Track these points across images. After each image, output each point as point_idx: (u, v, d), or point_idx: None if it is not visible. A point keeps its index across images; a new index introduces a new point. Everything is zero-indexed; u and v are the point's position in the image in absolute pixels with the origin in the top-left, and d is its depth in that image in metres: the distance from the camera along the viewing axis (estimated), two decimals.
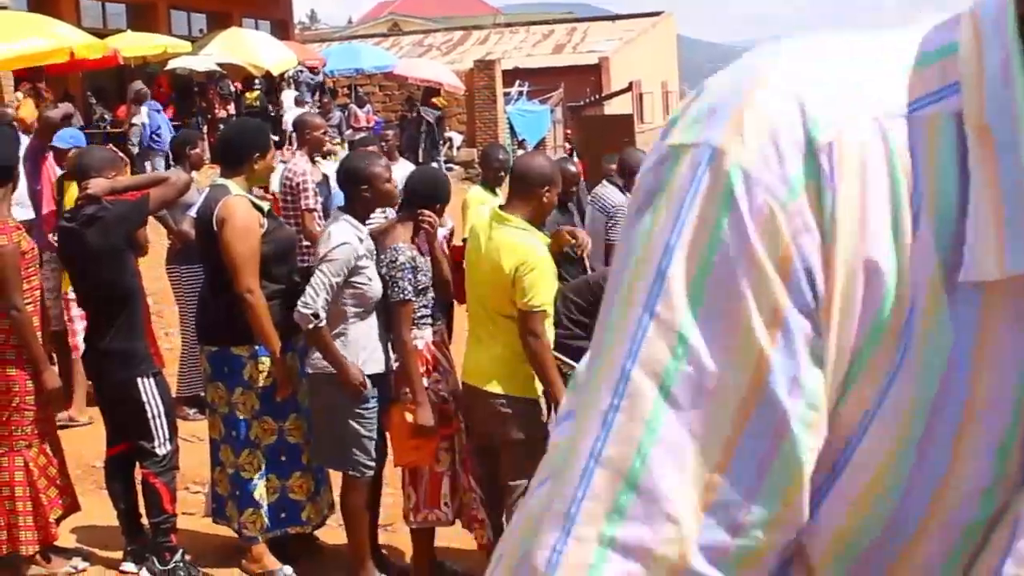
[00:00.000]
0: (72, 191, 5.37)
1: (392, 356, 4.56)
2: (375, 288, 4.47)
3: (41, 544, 4.60)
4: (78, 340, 6.12)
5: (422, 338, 4.56)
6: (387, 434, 4.68)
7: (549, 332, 4.27)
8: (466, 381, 4.46)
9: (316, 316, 4.36)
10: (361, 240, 4.46)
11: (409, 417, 4.42)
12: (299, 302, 4.37)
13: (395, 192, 4.76)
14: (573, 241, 5.33)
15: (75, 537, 4.94)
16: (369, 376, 4.50)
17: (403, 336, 4.45)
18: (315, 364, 4.52)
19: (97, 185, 4.58)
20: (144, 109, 15.46)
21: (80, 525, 4.91)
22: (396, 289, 4.42)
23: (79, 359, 5.69)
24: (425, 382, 4.49)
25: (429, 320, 4.61)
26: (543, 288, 4.15)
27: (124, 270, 4.54)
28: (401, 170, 8.19)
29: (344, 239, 4.40)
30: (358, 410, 4.53)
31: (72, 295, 5.88)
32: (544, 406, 4.33)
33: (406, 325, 4.45)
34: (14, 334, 4.43)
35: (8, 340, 4.44)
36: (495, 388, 4.28)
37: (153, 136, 15.18)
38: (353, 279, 4.40)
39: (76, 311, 6.08)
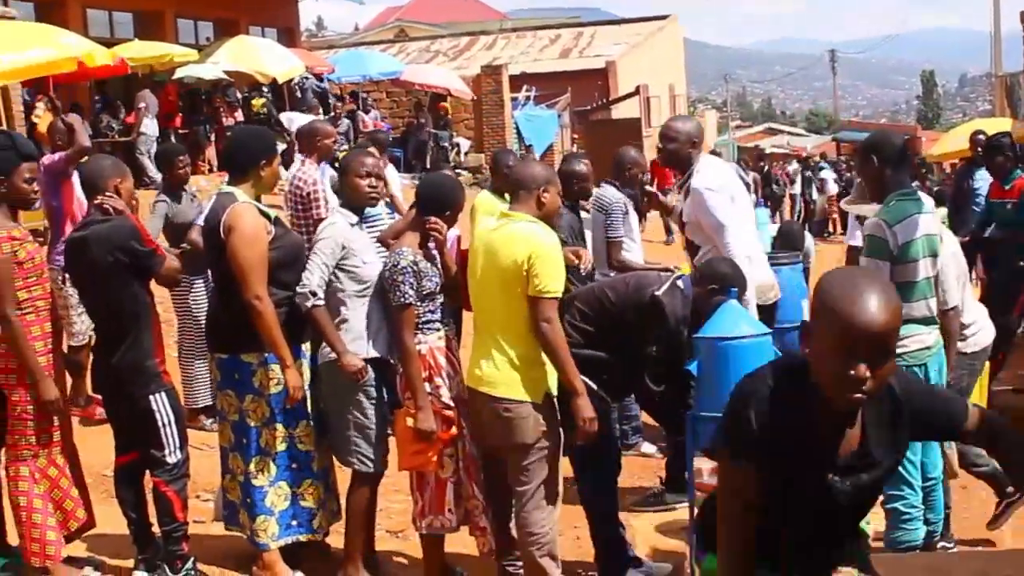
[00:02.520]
0: None
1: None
2: (370, 270, 4.59)
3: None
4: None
5: (426, 343, 4.55)
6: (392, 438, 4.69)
7: None
8: (469, 386, 4.45)
9: (313, 294, 4.49)
10: (352, 225, 4.66)
11: (410, 421, 4.42)
12: (298, 285, 4.51)
13: (363, 186, 4.77)
14: (576, 262, 5.78)
15: (86, 546, 4.93)
16: (371, 360, 4.57)
17: (405, 340, 4.45)
18: (323, 353, 4.65)
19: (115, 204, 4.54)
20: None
21: (91, 534, 4.88)
22: (397, 293, 4.44)
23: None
24: (427, 387, 4.49)
25: (436, 325, 4.61)
26: (554, 274, 4.17)
27: (129, 286, 4.46)
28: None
29: (331, 220, 4.72)
30: (357, 398, 4.59)
31: None
32: (547, 410, 4.30)
33: (408, 329, 4.46)
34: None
35: (10, 350, 4.41)
36: (497, 393, 4.27)
37: None
38: (345, 261, 4.56)
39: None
